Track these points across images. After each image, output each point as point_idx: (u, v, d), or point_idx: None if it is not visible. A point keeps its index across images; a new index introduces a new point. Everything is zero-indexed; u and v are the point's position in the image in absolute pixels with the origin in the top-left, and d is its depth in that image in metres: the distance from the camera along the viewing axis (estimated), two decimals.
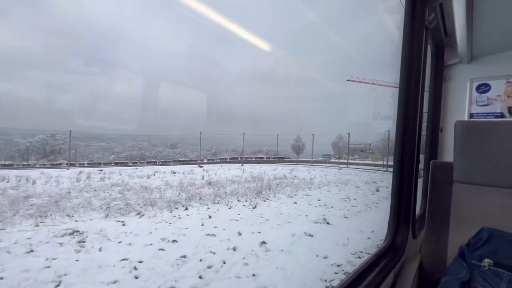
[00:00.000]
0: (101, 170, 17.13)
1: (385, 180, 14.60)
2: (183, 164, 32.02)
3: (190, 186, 10.62)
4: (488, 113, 2.33)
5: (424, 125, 2.46)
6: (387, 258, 1.28)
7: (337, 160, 37.65)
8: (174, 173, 15.88)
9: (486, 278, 0.90)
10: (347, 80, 34.11)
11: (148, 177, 13.15)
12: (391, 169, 1.49)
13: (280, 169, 21.71)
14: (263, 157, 42.97)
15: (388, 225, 1.46)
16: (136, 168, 21.03)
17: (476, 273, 0.93)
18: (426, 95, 2.38)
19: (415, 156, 1.48)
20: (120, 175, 13.99)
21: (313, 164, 33.99)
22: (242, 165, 29.31)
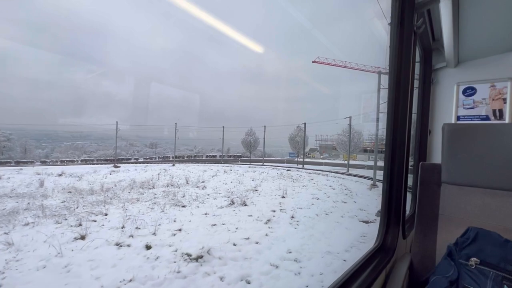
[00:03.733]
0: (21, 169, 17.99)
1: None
2: (153, 163, 32.25)
3: None
4: (474, 115, 2.40)
5: (413, 127, 2.51)
6: (378, 258, 1.30)
7: (297, 159, 34.36)
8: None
9: (473, 277, 0.92)
10: (313, 62, 32.06)
11: None
12: (358, 171, 1.49)
13: (197, 171, 20.33)
14: (215, 156, 42.76)
15: (379, 226, 1.48)
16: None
17: (463, 272, 0.95)
18: (415, 98, 2.44)
19: (404, 157, 1.50)
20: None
21: (264, 164, 31.26)
22: (173, 164, 28.92)
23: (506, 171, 1.12)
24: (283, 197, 10.18)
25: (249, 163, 32.89)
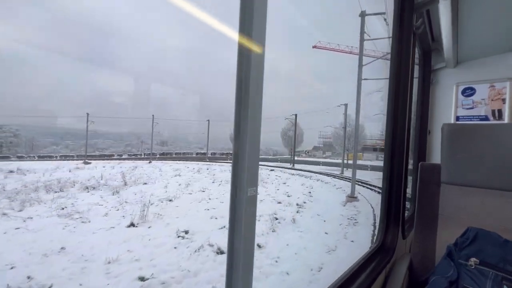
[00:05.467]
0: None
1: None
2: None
3: None
4: (473, 116, 2.40)
5: (413, 127, 2.51)
6: (378, 258, 1.30)
7: (290, 157, 30.41)
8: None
9: (472, 277, 0.92)
10: (313, 47, 28.23)
11: None
12: (360, 173, 1.46)
13: (155, 170, 18.70)
14: (205, 153, 43.07)
15: (379, 226, 1.48)
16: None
17: (463, 272, 0.95)
18: (414, 98, 2.44)
19: (404, 158, 1.51)
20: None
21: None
22: (150, 162, 28.26)
23: (506, 171, 1.12)
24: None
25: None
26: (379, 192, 11.54)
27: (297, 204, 9.05)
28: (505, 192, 1.12)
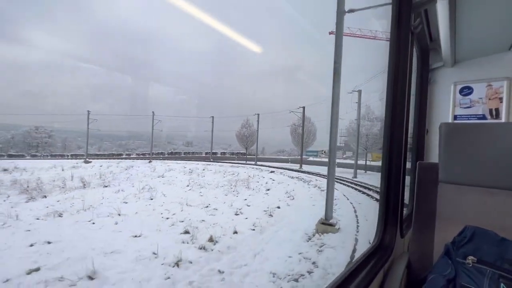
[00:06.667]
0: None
1: None
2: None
3: None
4: (471, 115, 2.42)
5: (411, 126, 2.52)
6: (376, 257, 1.31)
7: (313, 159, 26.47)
8: None
9: (470, 275, 0.93)
10: (330, 33, 22.37)
11: None
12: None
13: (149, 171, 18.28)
14: (216, 153, 43.60)
15: (377, 225, 1.49)
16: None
17: (460, 270, 0.96)
18: (413, 98, 2.45)
19: (402, 157, 1.51)
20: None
21: (257, 163, 26.19)
22: (150, 161, 28.50)
23: (503, 170, 1.13)
24: None
25: (245, 162, 29.71)
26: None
27: (235, 232, 6.15)
28: (503, 191, 1.13)
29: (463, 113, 2.45)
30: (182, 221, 6.93)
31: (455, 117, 2.47)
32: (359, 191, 12.36)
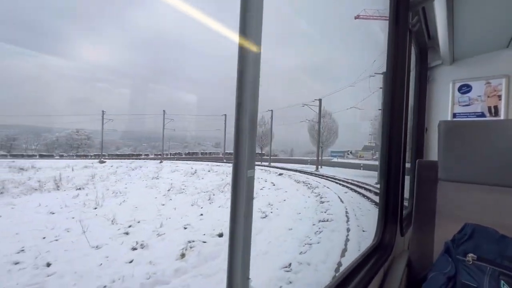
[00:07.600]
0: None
1: None
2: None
3: None
4: (469, 113, 2.42)
5: (410, 125, 2.52)
6: (376, 256, 1.30)
7: (317, 159, 21.93)
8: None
9: (470, 273, 0.93)
10: (356, 18, 21.95)
11: None
12: None
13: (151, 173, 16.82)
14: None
15: (377, 224, 1.49)
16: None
17: (461, 268, 0.96)
18: (411, 96, 2.45)
19: (401, 155, 1.51)
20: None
21: (270, 164, 23.96)
22: (161, 162, 28.12)
23: (502, 167, 1.12)
24: None
25: (260, 163, 26.85)
26: None
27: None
28: (502, 188, 1.13)
29: (462, 111, 2.45)
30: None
31: (454, 115, 2.47)
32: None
